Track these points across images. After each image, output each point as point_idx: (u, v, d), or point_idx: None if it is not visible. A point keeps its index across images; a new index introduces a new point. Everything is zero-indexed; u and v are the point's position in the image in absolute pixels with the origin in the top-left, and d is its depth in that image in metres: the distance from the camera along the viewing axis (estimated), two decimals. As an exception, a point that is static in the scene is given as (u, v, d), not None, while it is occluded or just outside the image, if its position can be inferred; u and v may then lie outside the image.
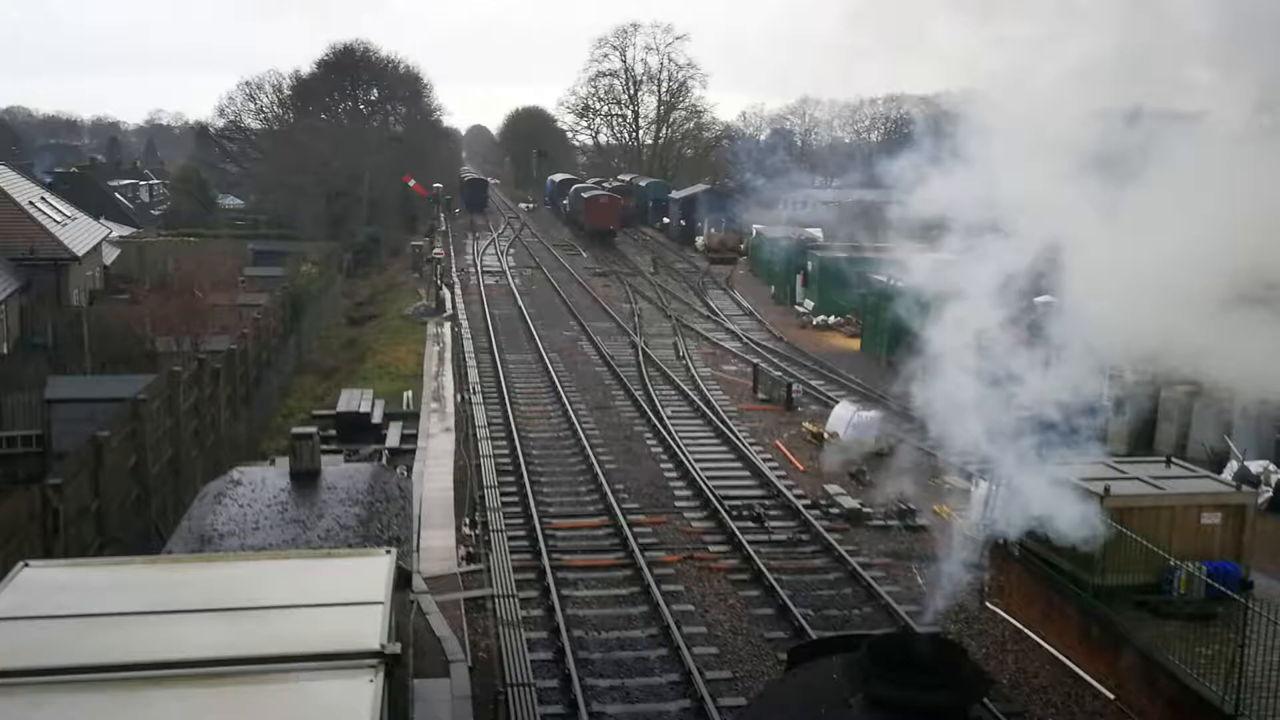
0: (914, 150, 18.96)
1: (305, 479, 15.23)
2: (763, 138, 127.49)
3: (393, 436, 27.18)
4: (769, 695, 8.25)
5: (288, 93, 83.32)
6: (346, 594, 8.70)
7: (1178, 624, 15.29)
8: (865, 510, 22.93)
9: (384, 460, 24.08)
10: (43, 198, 48.37)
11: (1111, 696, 15.38)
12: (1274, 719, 12.98)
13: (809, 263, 50.44)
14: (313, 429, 17.04)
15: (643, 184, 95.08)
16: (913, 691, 6.22)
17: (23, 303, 39.12)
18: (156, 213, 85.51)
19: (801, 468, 26.18)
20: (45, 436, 24.28)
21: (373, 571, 9.24)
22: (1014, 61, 15.46)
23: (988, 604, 18.60)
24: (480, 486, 23.69)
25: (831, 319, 46.81)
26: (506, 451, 26.65)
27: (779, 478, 24.81)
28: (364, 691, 7.13)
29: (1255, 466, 24.43)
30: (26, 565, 9.12)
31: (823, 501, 23.53)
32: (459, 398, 31.62)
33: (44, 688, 6.98)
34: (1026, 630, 17.54)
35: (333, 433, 26.78)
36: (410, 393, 31.73)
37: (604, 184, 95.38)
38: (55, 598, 8.42)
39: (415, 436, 27.36)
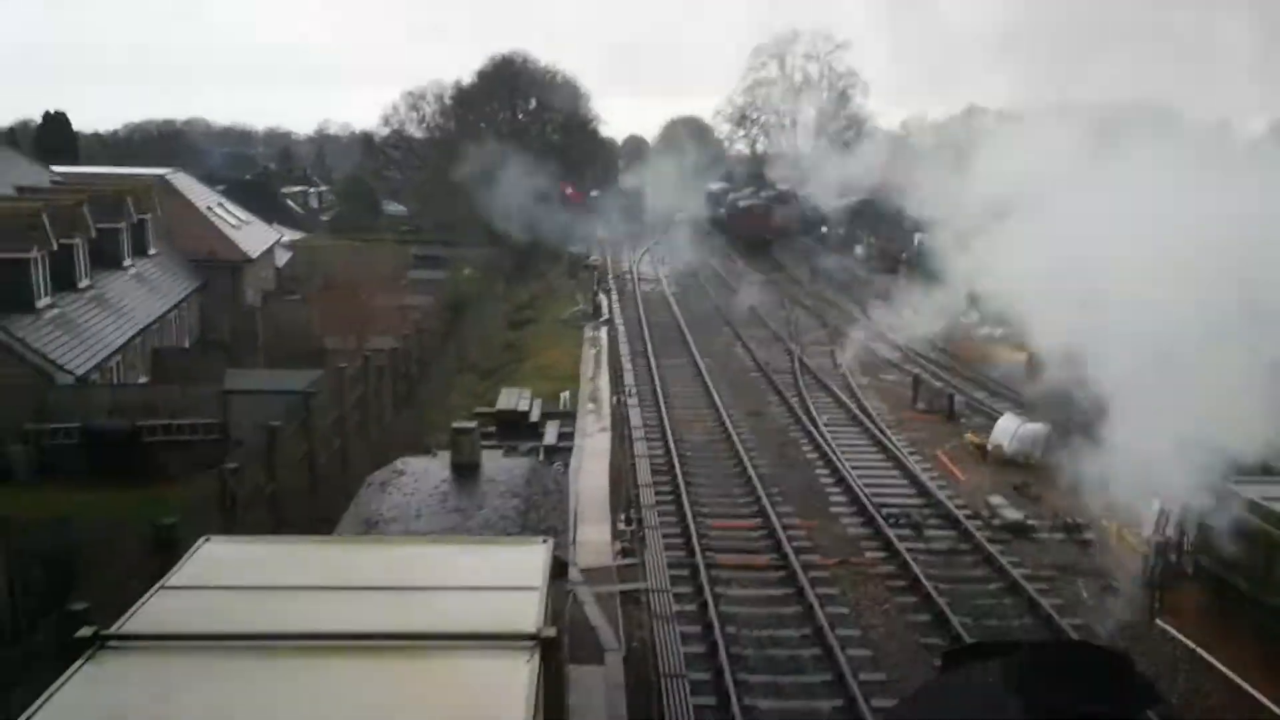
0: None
1: (466, 471, 15.56)
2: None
3: (550, 435, 27.59)
4: (922, 695, 8.06)
5: (449, 102, 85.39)
6: (504, 579, 8.83)
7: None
8: (1029, 522, 22.26)
9: (541, 457, 24.46)
10: (220, 203, 50.67)
11: (1293, 722, 14.58)
12: None
13: (973, 273, 49.22)
14: (473, 424, 17.43)
15: (801, 193, 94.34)
16: (1072, 699, 5.95)
17: (202, 302, 41.06)
18: (325, 218, 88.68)
19: (963, 478, 25.57)
20: (224, 425, 25.42)
21: (530, 559, 9.36)
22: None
23: (1158, 622, 17.83)
24: (635, 485, 23.84)
25: (999, 331, 45.52)
26: (661, 452, 26.75)
27: (939, 487, 24.29)
28: (520, 671, 7.21)
29: None
30: (208, 540, 9.55)
31: (984, 512, 22.92)
32: (615, 399, 31.89)
33: (223, 652, 7.28)
34: (1200, 650, 16.75)
35: (492, 429, 27.34)
36: (567, 393, 32.14)
37: (761, 193, 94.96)
38: (233, 571, 8.78)
39: (572, 435, 27.71)
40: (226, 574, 8.67)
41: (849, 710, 14.60)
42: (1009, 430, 27.30)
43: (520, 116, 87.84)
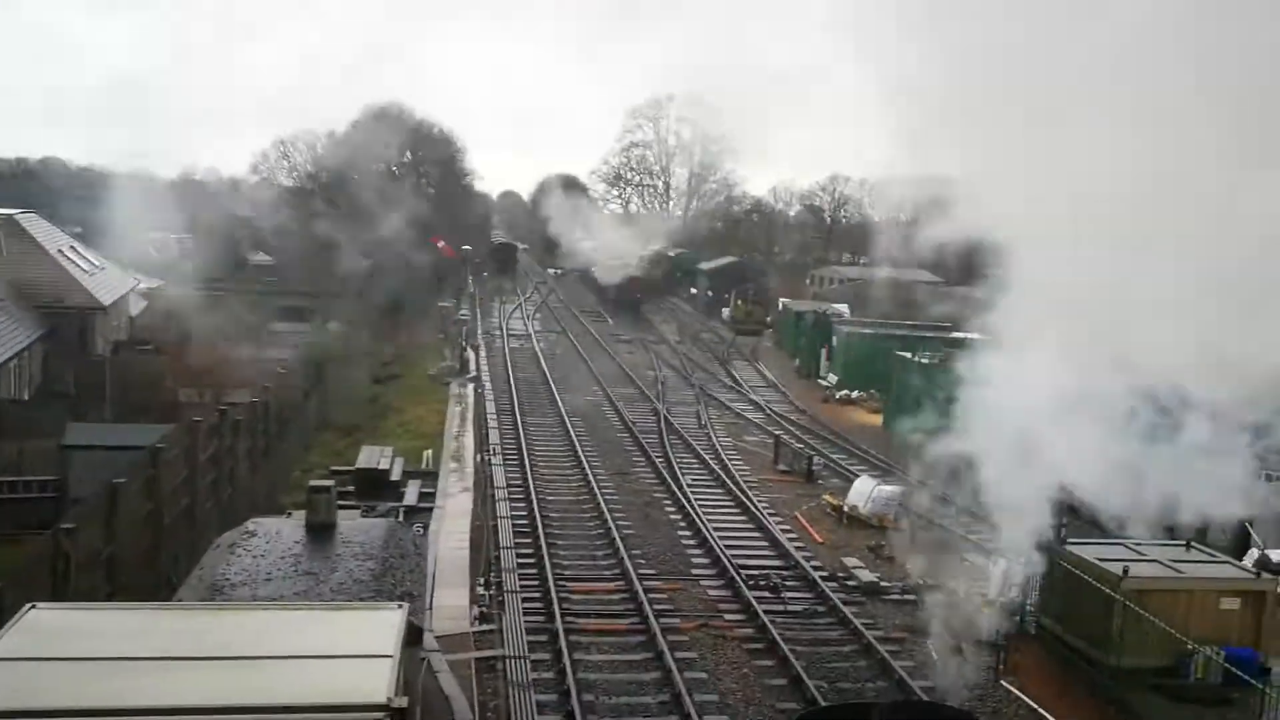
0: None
1: (321, 532, 15.26)
2: (793, 213, 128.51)
3: (411, 494, 27.14)
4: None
5: (320, 151, 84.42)
6: (356, 647, 8.68)
7: (1194, 708, 15.03)
8: (883, 584, 22.70)
9: (401, 517, 24.05)
10: (72, 246, 48.94)
11: (1129, 781, 15.08)
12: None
13: (834, 337, 50.50)
14: (330, 482, 17.11)
15: (671, 254, 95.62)
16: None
17: (46, 350, 39.45)
18: (186, 265, 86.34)
19: (820, 540, 25.99)
20: (62, 483, 24.34)
21: (383, 626, 9.22)
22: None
23: (1002, 681, 18.30)
24: (497, 547, 23.61)
25: (855, 393, 46.73)
26: (525, 513, 26.57)
27: (797, 549, 24.64)
28: (369, 744, 7.08)
29: (1276, 554, 24.09)
30: (34, 607, 9.12)
31: (840, 574, 23.31)
32: (479, 458, 31.60)
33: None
34: (1040, 709, 17.23)
35: (351, 489, 26.79)
36: (430, 451, 31.75)
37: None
38: (61, 641, 8.42)
39: (434, 495, 27.32)
40: (53, 644, 8.32)
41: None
42: (864, 492, 27.93)
43: (394, 169, 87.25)
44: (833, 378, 49.35)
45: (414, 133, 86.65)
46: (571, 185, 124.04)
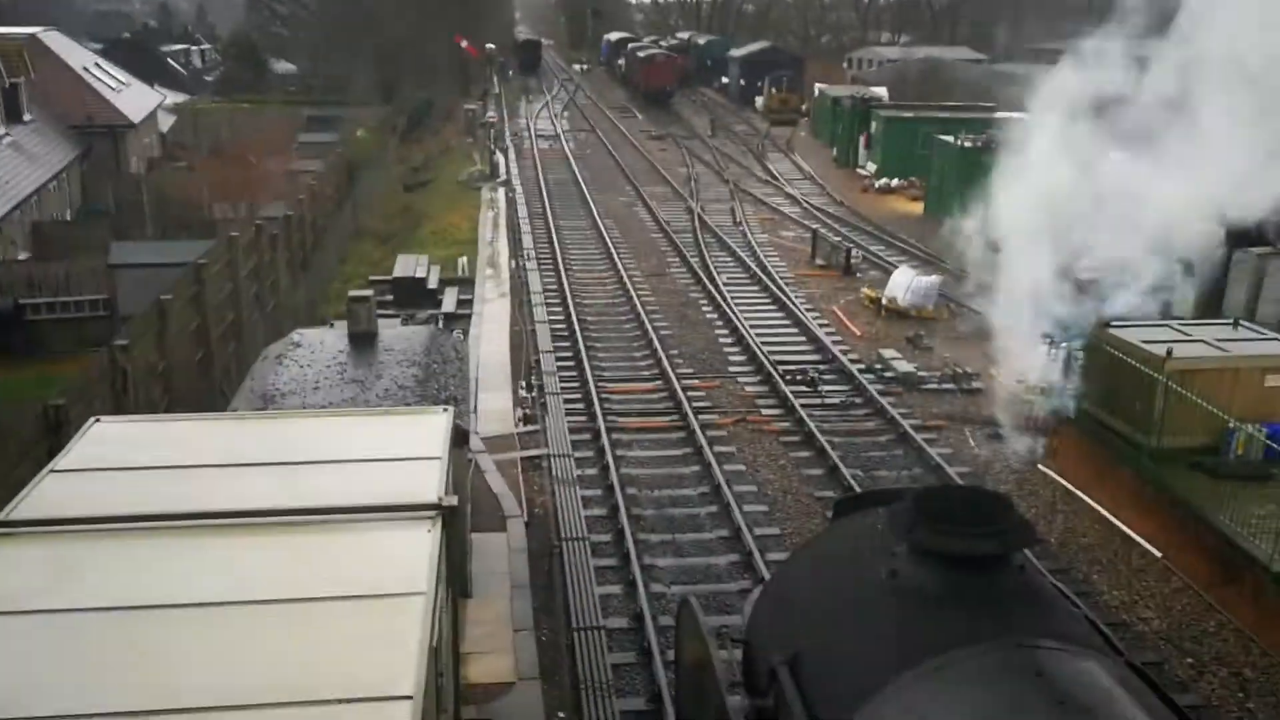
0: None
1: (363, 341, 15.55)
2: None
3: (449, 301, 27.48)
4: (814, 544, 8.41)
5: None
6: (405, 450, 8.92)
7: (1233, 485, 15.25)
8: (920, 374, 22.94)
9: (440, 324, 24.40)
10: (97, 64, 48.35)
11: (1158, 555, 15.50)
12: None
13: (873, 124, 49.48)
14: (369, 292, 17.35)
15: (701, 42, 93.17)
16: (955, 540, 6.31)
17: (83, 171, 39.54)
18: (209, 79, 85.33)
19: (858, 333, 26.14)
20: (111, 301, 24.81)
21: (430, 429, 9.45)
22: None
23: (1040, 466, 18.67)
24: (536, 351, 23.96)
25: (894, 182, 46.08)
26: (561, 318, 26.82)
27: (834, 343, 24.82)
28: (422, 541, 7.36)
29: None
30: (98, 420, 9.44)
31: (877, 366, 23.54)
32: (514, 263, 31.75)
33: (118, 534, 7.28)
34: (1078, 492, 17.62)
35: (390, 298, 27.14)
36: (465, 259, 31.90)
37: (661, 43, 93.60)
38: (126, 451, 8.73)
39: (471, 302, 27.63)
40: (119, 455, 8.63)
41: (745, 565, 15.13)
42: (903, 284, 27.89)
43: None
44: (871, 166, 48.60)
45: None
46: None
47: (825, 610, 6.91)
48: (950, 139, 39.75)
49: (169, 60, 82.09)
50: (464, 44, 69.64)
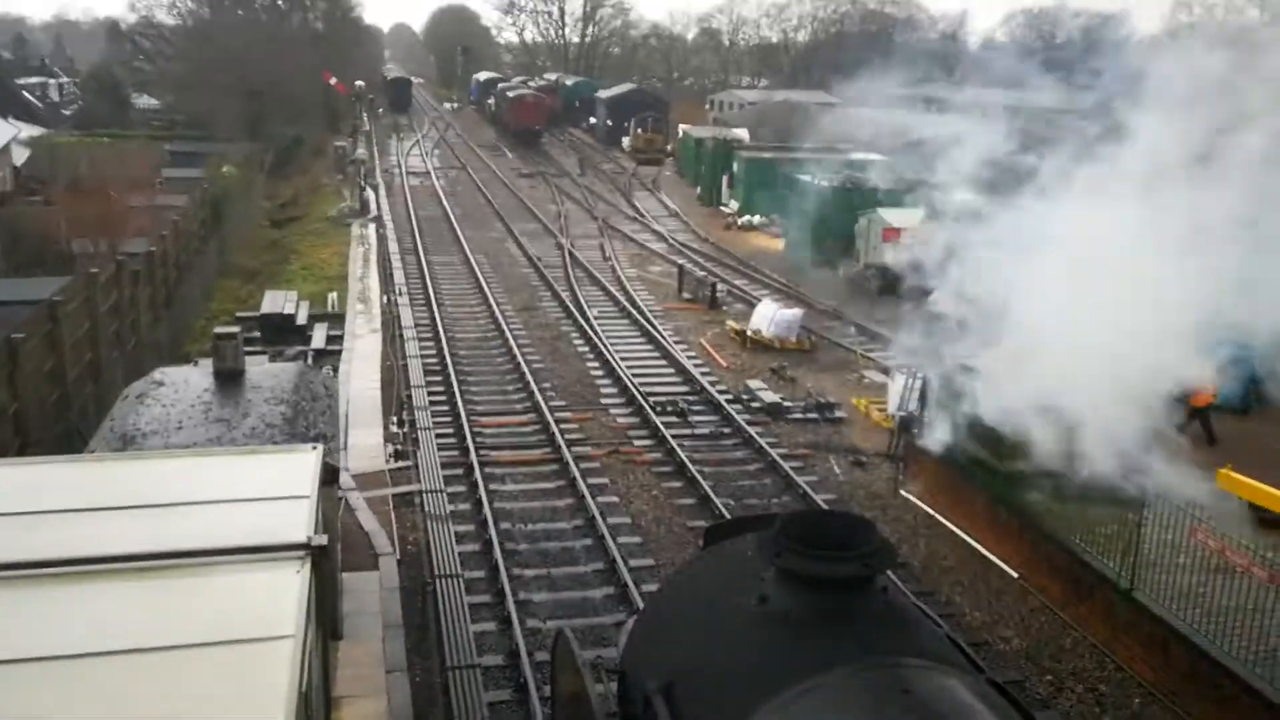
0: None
1: (229, 378, 15.24)
2: (691, 37, 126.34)
3: (318, 338, 27.09)
4: (685, 571, 8.55)
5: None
6: (272, 489, 8.80)
7: (1080, 505, 15.88)
8: (786, 404, 23.44)
9: (309, 361, 24.05)
10: (-54, 96, 46.62)
11: (1015, 575, 16.11)
12: (1165, 592, 13.69)
13: (734, 163, 50.49)
14: (235, 328, 17.01)
15: (569, 83, 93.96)
16: (820, 563, 6.50)
17: (-70, 205, 37.98)
18: (68, 112, 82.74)
19: (725, 365, 26.61)
20: (-41, 341, 23.82)
21: (298, 467, 9.35)
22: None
23: (902, 492, 19.24)
24: (407, 386, 23.80)
25: (756, 219, 47.06)
26: (433, 352, 26.71)
27: (703, 374, 25.22)
28: (291, 582, 7.26)
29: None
30: (-54, 465, 9.13)
31: (744, 396, 23.98)
32: (385, 299, 31.50)
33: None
34: (938, 516, 18.20)
35: (257, 334, 26.66)
36: (335, 294, 31.54)
37: (529, 83, 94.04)
38: (-24, 497, 8.44)
39: (341, 338, 27.31)
40: (-32, 502, 8.35)
41: (621, 597, 15.25)
42: (767, 315, 28.54)
43: (279, 3, 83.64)
44: (734, 204, 49.57)
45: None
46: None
47: (698, 637, 7.00)
48: (808, 178, 40.80)
49: (24, 93, 79.43)
50: (332, 81, 68.87)
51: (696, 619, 7.18)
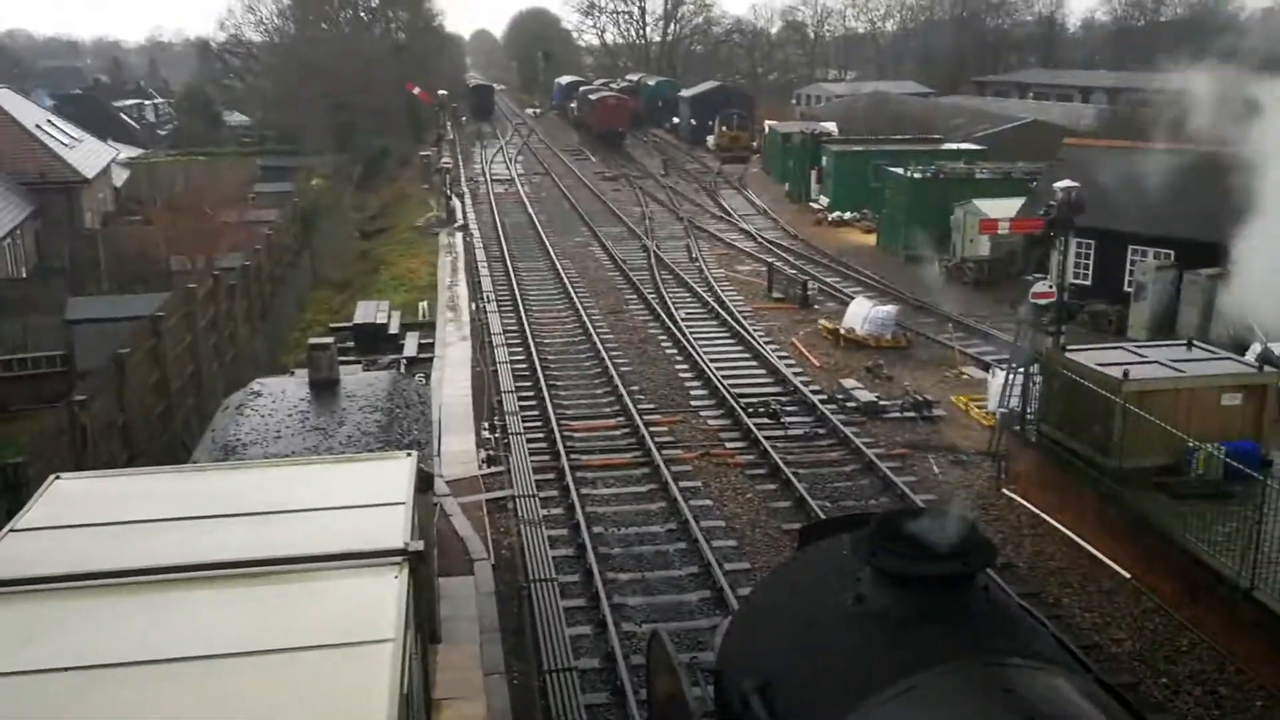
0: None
1: (324, 388, 15.44)
2: (774, 31, 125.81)
3: (410, 346, 27.40)
4: (780, 572, 8.46)
5: (287, 2, 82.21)
6: (369, 496, 8.86)
7: (1195, 503, 15.38)
8: (882, 403, 23.06)
9: (402, 369, 24.31)
10: (49, 120, 48.11)
11: (1128, 576, 15.61)
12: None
13: (823, 158, 50.00)
14: (329, 339, 17.24)
15: (651, 83, 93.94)
16: (919, 562, 6.36)
17: (37, 227, 39.20)
18: (163, 132, 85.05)
19: (818, 364, 26.28)
20: (69, 357, 24.56)
21: (395, 474, 9.40)
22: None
23: (1004, 490, 18.79)
24: (498, 392, 23.90)
25: (847, 214, 46.53)
26: (523, 357, 26.80)
27: (795, 374, 24.93)
28: (389, 587, 7.29)
29: (1278, 348, 24.36)
30: (58, 478, 9.32)
31: (839, 396, 23.65)
32: (474, 306, 31.73)
33: (79, 593, 7.16)
34: (1043, 515, 17.74)
35: (351, 344, 27.02)
36: (426, 303, 31.86)
37: (611, 85, 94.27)
38: (87, 508, 8.61)
39: (432, 345, 27.55)
40: (79, 512, 8.51)
41: (716, 600, 15.09)
42: (860, 313, 28.12)
43: (362, 15, 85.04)
44: (824, 200, 49.06)
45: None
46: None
47: (794, 636, 6.92)
48: (901, 171, 40.24)
49: (122, 115, 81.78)
50: (416, 91, 69.74)
51: (792, 619, 7.13)
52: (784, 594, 7.62)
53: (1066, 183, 20.52)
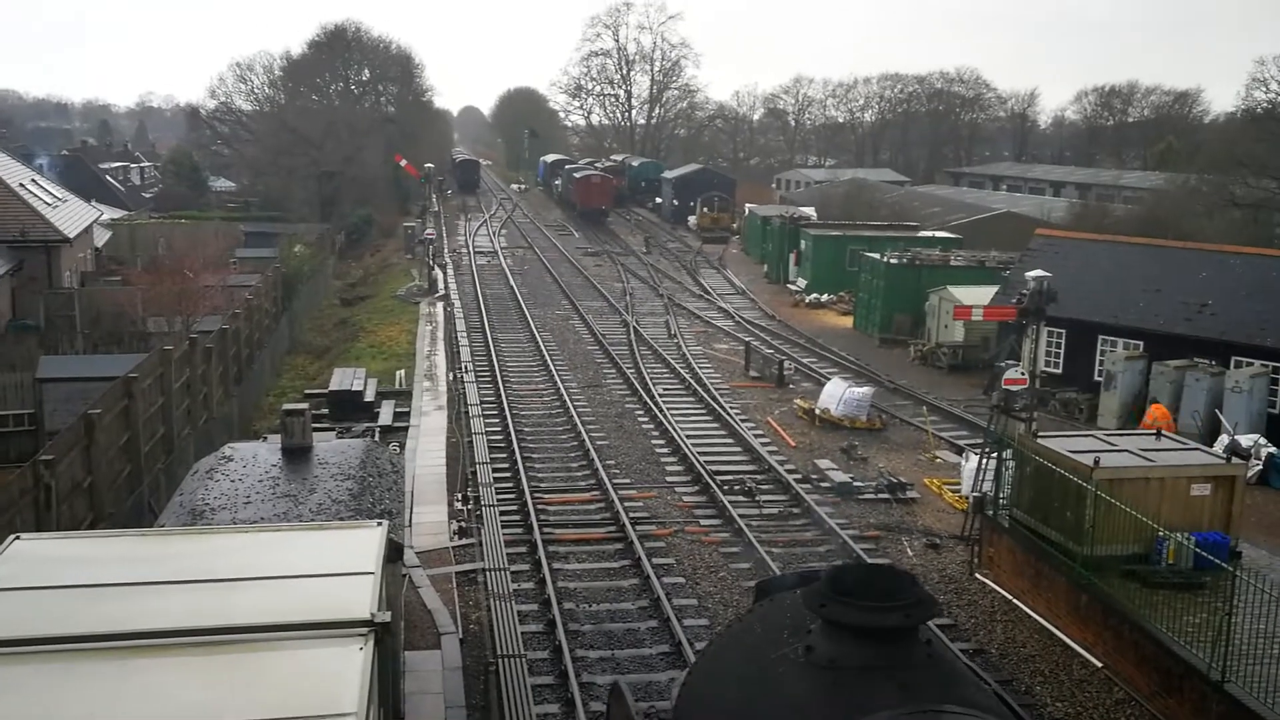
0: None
1: (297, 454, 15.30)
2: (756, 117, 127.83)
3: (385, 414, 27.28)
4: (737, 625, 8.55)
5: (278, 73, 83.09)
6: (337, 565, 8.75)
7: (1166, 593, 15.36)
8: (856, 484, 23.03)
9: (376, 437, 24.16)
10: (34, 179, 48.16)
11: (1099, 664, 15.51)
12: (1260, 685, 13.08)
13: (802, 241, 50.55)
14: (304, 405, 17.11)
15: (635, 164, 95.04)
16: (864, 613, 6.58)
17: (14, 284, 39.03)
18: (148, 195, 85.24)
19: (793, 443, 26.27)
20: (38, 416, 24.30)
21: (364, 543, 9.30)
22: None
23: (977, 575, 18.72)
24: (473, 463, 23.76)
25: (824, 296, 46.93)
26: (499, 428, 26.70)
27: (770, 453, 24.90)
28: (354, 659, 7.18)
29: (1245, 440, 24.58)
30: (18, 538, 9.17)
31: (814, 476, 23.63)
32: (451, 376, 31.67)
33: (35, 657, 7.02)
34: (1015, 600, 17.67)
35: (325, 411, 26.88)
36: (403, 372, 31.79)
37: (596, 164, 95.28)
38: (47, 569, 8.47)
39: (408, 414, 27.44)
40: (39, 573, 8.36)
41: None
42: (836, 394, 28.21)
43: (353, 88, 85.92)
44: (801, 282, 49.49)
45: (370, 51, 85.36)
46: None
47: (748, 686, 7.09)
48: (877, 256, 40.72)
49: (107, 177, 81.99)
50: (403, 163, 70.32)
51: (746, 669, 7.34)
52: (738, 646, 7.79)
53: (1039, 272, 20.86)
